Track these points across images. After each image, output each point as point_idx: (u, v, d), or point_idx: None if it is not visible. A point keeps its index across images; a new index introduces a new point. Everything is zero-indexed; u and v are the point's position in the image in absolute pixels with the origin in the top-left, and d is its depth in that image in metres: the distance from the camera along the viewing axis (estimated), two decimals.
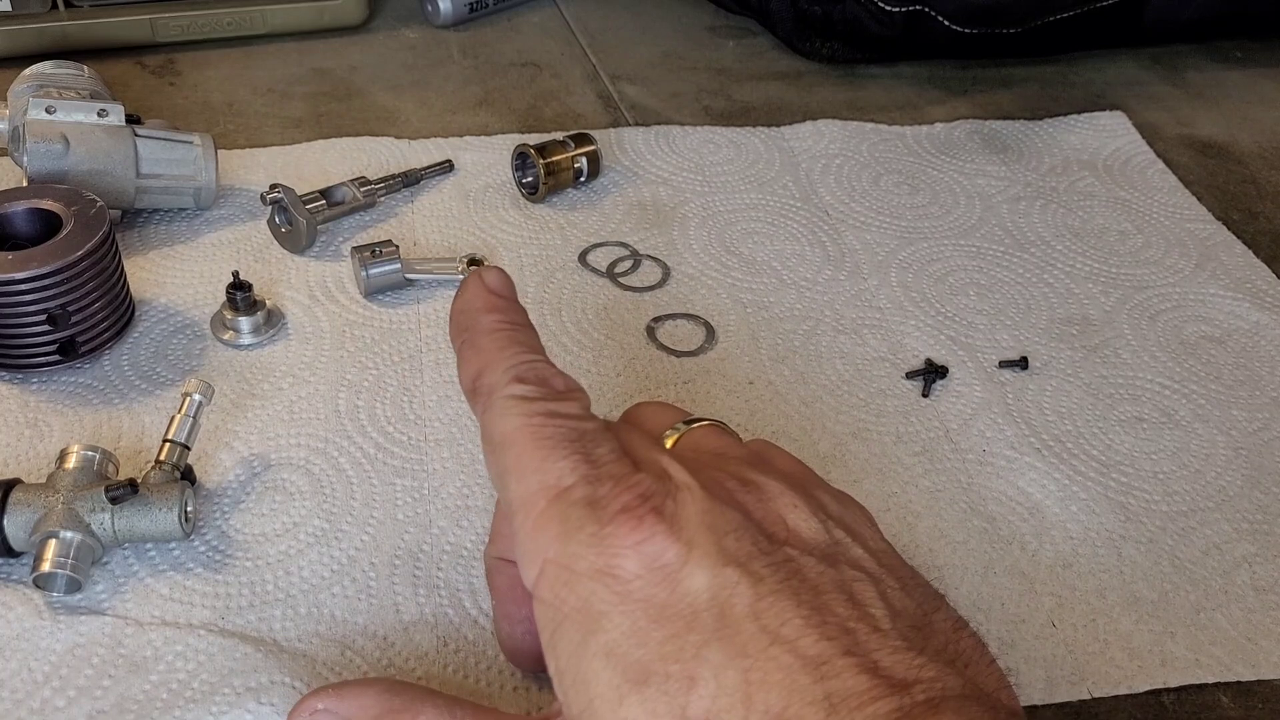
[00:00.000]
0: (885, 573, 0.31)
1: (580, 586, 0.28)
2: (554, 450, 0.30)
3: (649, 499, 0.29)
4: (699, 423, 0.37)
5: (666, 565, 0.28)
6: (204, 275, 0.56)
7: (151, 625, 0.38)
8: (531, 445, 0.31)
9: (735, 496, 0.31)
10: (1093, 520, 0.45)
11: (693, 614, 0.27)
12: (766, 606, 0.27)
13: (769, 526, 0.31)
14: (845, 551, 0.31)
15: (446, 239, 0.60)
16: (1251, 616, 0.41)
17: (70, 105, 0.55)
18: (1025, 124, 0.73)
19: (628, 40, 0.84)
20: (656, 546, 0.28)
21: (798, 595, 0.28)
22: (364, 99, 0.74)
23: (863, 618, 0.28)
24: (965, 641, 0.31)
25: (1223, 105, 0.78)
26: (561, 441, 0.31)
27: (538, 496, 0.30)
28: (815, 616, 0.27)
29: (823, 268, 0.59)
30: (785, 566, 0.29)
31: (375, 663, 0.38)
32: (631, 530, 0.29)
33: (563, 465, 0.30)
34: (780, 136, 0.71)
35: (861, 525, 0.33)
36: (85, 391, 0.48)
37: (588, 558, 0.28)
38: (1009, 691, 0.31)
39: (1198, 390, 0.52)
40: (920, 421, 0.49)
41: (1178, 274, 0.60)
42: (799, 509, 0.32)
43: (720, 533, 0.29)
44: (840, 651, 0.27)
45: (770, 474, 0.33)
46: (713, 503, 0.30)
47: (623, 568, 0.28)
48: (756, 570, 0.28)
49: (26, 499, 0.39)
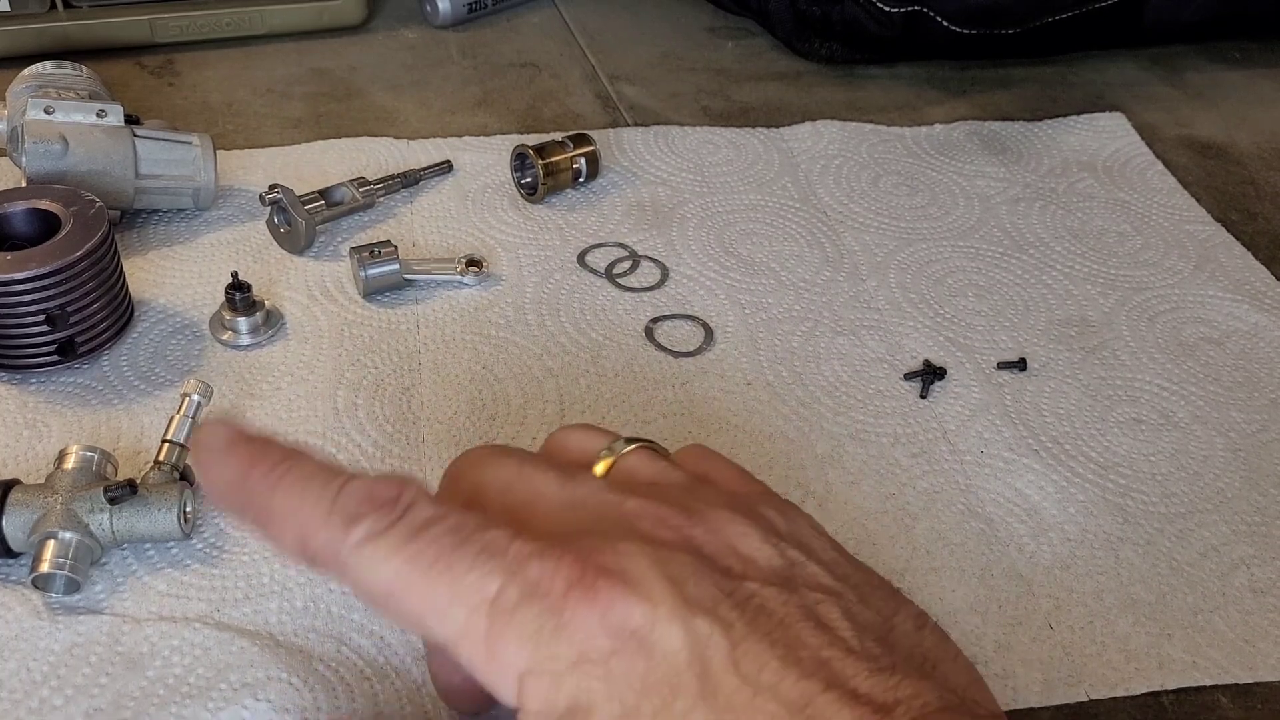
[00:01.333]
0: (842, 586, 0.30)
1: (566, 685, 0.27)
2: (451, 568, 0.27)
3: (589, 560, 0.27)
4: (630, 446, 0.34)
5: (637, 630, 0.27)
6: (203, 275, 0.56)
7: (148, 621, 0.38)
8: (425, 580, 0.27)
9: (682, 534, 0.29)
10: (1090, 522, 0.45)
11: (675, 677, 0.26)
12: (743, 654, 0.27)
13: (722, 560, 0.29)
14: (801, 572, 0.30)
15: (445, 239, 0.60)
16: (1249, 619, 0.41)
17: (69, 105, 0.55)
18: (1024, 125, 0.73)
19: (627, 41, 0.84)
20: (620, 613, 0.27)
21: (770, 635, 0.27)
22: (363, 99, 0.74)
23: (833, 642, 0.27)
24: (929, 639, 0.31)
25: (1222, 106, 0.78)
26: (451, 554, 0.27)
27: (473, 621, 0.27)
28: (790, 655, 0.27)
29: (821, 269, 0.59)
30: (749, 604, 0.28)
31: (371, 660, 0.38)
32: (590, 604, 0.27)
33: (473, 577, 0.27)
34: (779, 137, 0.71)
35: (811, 538, 0.32)
36: (84, 392, 0.48)
37: (561, 654, 0.27)
38: (979, 685, 0.31)
39: (1196, 392, 0.52)
40: (918, 423, 0.49)
41: (1176, 275, 0.60)
42: (749, 536, 0.30)
43: (679, 581, 0.27)
44: (820, 688, 0.26)
45: (713, 500, 0.32)
46: (658, 548, 0.28)
47: (597, 648, 0.26)
48: (725, 616, 0.27)
49: (25, 499, 0.39)
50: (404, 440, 0.47)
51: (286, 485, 0.29)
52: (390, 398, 0.49)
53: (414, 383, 0.50)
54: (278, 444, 0.30)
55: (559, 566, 0.27)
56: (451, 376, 0.51)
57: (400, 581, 0.27)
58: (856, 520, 0.45)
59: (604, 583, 0.27)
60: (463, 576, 0.27)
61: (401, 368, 0.51)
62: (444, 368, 0.51)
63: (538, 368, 0.51)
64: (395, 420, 0.48)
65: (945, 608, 0.41)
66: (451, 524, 0.28)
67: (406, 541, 0.28)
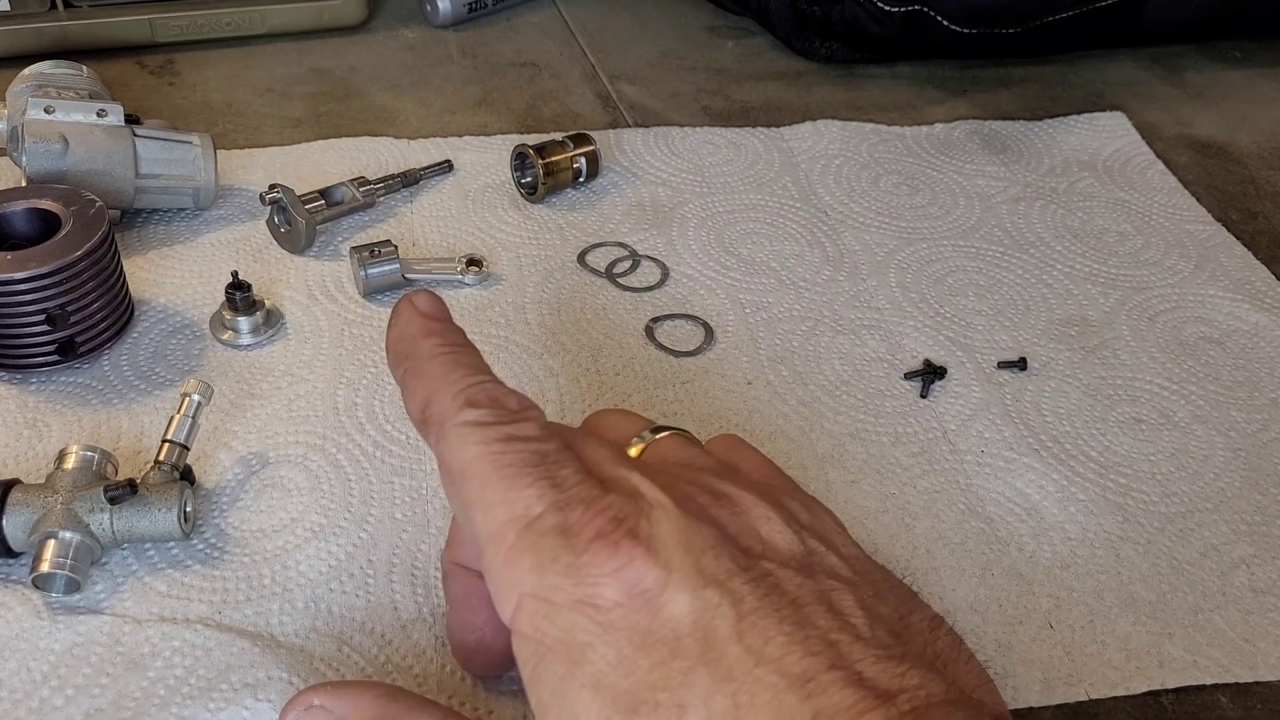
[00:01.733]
0: (860, 580, 0.31)
1: (561, 618, 0.28)
2: (518, 478, 0.29)
3: (623, 522, 0.29)
4: (663, 432, 0.36)
5: (647, 590, 0.28)
6: (203, 275, 0.56)
7: (149, 622, 0.38)
8: (493, 474, 0.30)
9: (709, 512, 0.31)
10: (1091, 521, 0.45)
11: (676, 640, 0.27)
12: (749, 626, 0.27)
13: (744, 540, 0.30)
14: (820, 561, 0.30)
15: (445, 239, 0.60)
16: (1249, 618, 0.41)
17: (69, 105, 0.55)
18: (1025, 124, 0.73)
19: (627, 40, 0.84)
20: (635, 572, 0.28)
21: (779, 611, 0.28)
22: (363, 99, 0.74)
23: (844, 627, 0.28)
24: (942, 640, 0.31)
25: (1222, 105, 0.78)
26: (524, 467, 0.30)
27: (506, 529, 0.29)
28: (798, 632, 0.27)
29: (822, 268, 0.59)
30: (764, 582, 0.28)
31: (373, 659, 0.38)
32: (608, 557, 0.28)
33: (529, 493, 0.29)
34: (779, 137, 0.71)
35: (833, 533, 0.33)
36: (84, 392, 0.48)
37: (566, 589, 0.28)
38: (990, 688, 0.31)
39: (1196, 391, 0.52)
40: (919, 422, 0.49)
41: (1177, 275, 0.60)
42: (772, 520, 0.31)
43: (697, 552, 0.29)
44: (825, 666, 0.26)
45: (741, 484, 0.33)
46: (688, 520, 0.29)
47: (603, 596, 0.28)
48: (736, 589, 0.28)
49: (25, 499, 0.39)
50: (404, 440, 0.47)
51: (445, 360, 0.33)
52: (390, 397, 0.49)
53: None
54: (458, 331, 0.35)
55: (595, 517, 0.29)
56: None
57: (473, 467, 0.30)
58: (857, 519, 0.45)
59: (628, 542, 0.28)
60: (521, 489, 0.29)
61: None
62: None
63: (538, 367, 0.51)
64: (395, 420, 0.48)
65: (945, 607, 0.41)
66: (540, 448, 0.30)
67: (497, 440, 0.30)
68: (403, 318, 0.35)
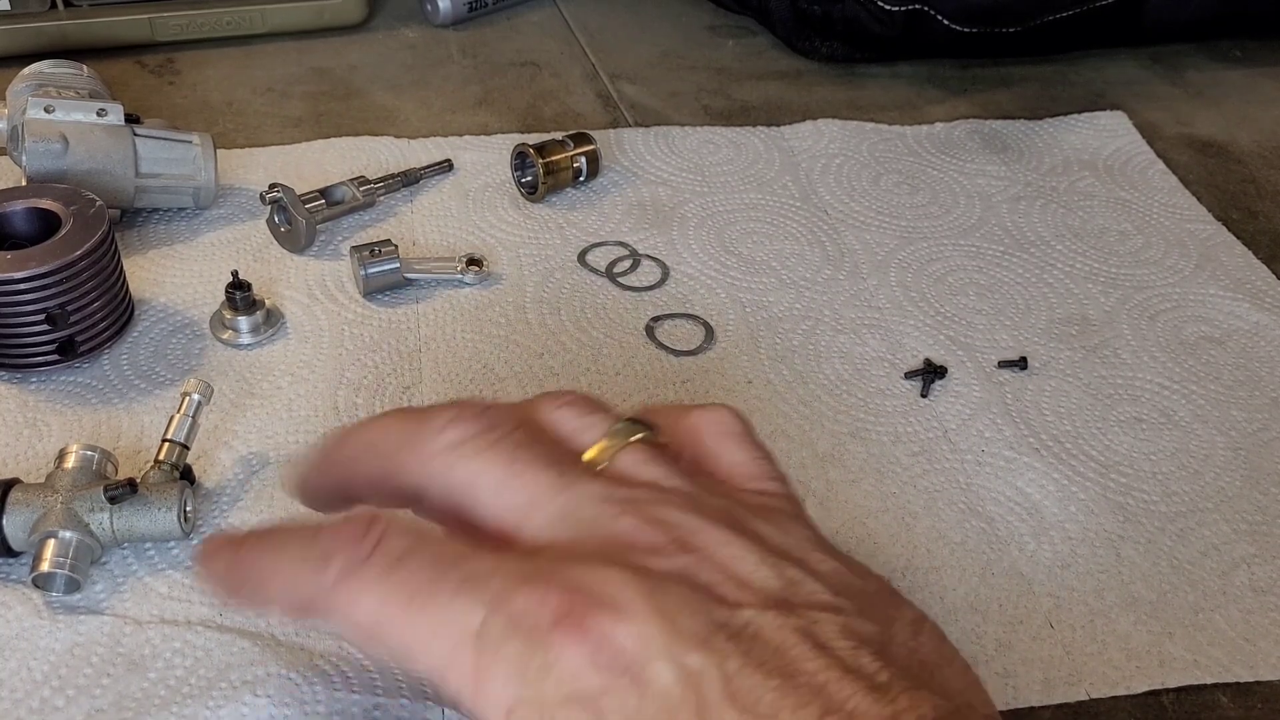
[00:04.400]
0: (841, 600, 0.30)
1: (557, 716, 0.26)
2: (432, 599, 0.27)
3: (578, 592, 0.27)
4: (629, 441, 0.33)
5: (628, 666, 0.26)
6: (203, 275, 0.56)
7: (150, 623, 0.38)
8: (404, 613, 0.27)
9: (676, 561, 0.29)
10: (1091, 521, 0.45)
11: (670, 712, 0.26)
12: (738, 687, 0.26)
13: (718, 589, 0.28)
14: (799, 591, 0.29)
15: (446, 238, 0.60)
16: (1250, 617, 0.41)
17: (69, 104, 0.55)
18: (1025, 124, 0.73)
19: (627, 39, 0.84)
20: (611, 651, 0.26)
21: (764, 666, 0.27)
22: (363, 98, 0.74)
23: (830, 665, 0.27)
24: (926, 645, 0.31)
25: (1222, 105, 0.78)
26: (433, 585, 0.27)
27: (458, 654, 0.26)
28: (786, 685, 0.26)
29: (822, 267, 0.59)
30: (745, 633, 0.27)
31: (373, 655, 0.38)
32: (579, 641, 0.26)
33: (455, 608, 0.27)
34: (780, 136, 0.71)
35: (807, 550, 0.31)
36: (84, 391, 0.48)
37: (549, 692, 0.26)
38: (976, 688, 0.31)
39: (1197, 391, 0.52)
40: (919, 421, 0.49)
41: (1177, 274, 0.60)
42: (745, 558, 0.29)
43: (672, 615, 0.27)
44: (817, 715, 0.26)
45: (707, 514, 0.31)
46: (647, 579, 0.28)
47: (586, 687, 0.26)
48: (720, 648, 0.27)
49: (25, 499, 0.39)
50: None
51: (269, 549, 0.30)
52: (391, 397, 0.49)
53: (414, 382, 0.50)
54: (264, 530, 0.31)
55: (545, 598, 0.27)
56: (452, 376, 0.50)
57: (382, 615, 0.27)
58: (857, 519, 0.45)
59: (593, 617, 0.26)
60: (444, 609, 0.27)
61: (402, 367, 0.51)
62: (444, 367, 0.51)
63: (538, 367, 0.51)
64: None
65: (946, 606, 0.41)
66: (429, 554, 0.28)
67: (384, 574, 0.27)
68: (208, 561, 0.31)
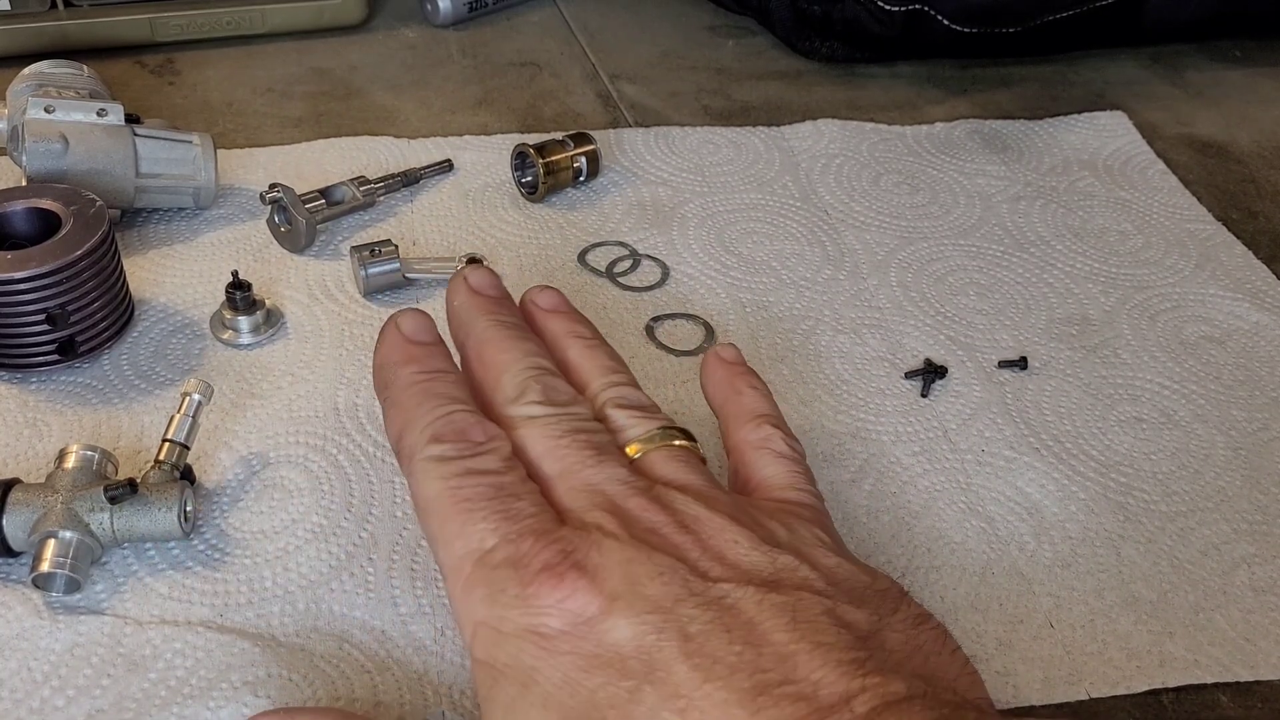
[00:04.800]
0: (835, 588, 0.31)
1: (510, 645, 0.29)
2: (473, 512, 0.31)
3: (570, 554, 0.30)
4: (674, 438, 0.36)
5: (590, 619, 0.29)
6: (203, 275, 0.56)
7: (150, 624, 0.38)
8: (452, 509, 0.31)
9: (669, 539, 0.31)
10: (1091, 520, 0.45)
11: (621, 661, 0.28)
12: (696, 647, 0.28)
13: (703, 565, 0.31)
14: (790, 575, 0.31)
15: (446, 238, 0.60)
16: (1250, 617, 0.41)
17: (69, 104, 0.55)
18: (1025, 124, 0.73)
19: (627, 39, 0.84)
20: (578, 603, 0.29)
21: (730, 632, 0.28)
22: (363, 99, 0.74)
23: (804, 636, 0.28)
24: (926, 635, 0.31)
25: (1222, 105, 0.78)
26: (480, 501, 0.31)
27: (463, 562, 0.31)
28: (749, 650, 0.28)
29: (822, 267, 0.59)
30: (717, 604, 0.29)
31: (373, 655, 0.38)
32: (553, 588, 0.29)
33: (482, 527, 0.31)
34: (780, 136, 0.71)
35: (811, 547, 0.33)
36: (84, 391, 0.48)
37: (513, 618, 0.29)
38: (972, 678, 0.31)
39: (1197, 390, 0.52)
40: (919, 421, 0.49)
41: (1177, 274, 0.60)
42: (739, 543, 0.32)
43: (643, 580, 0.30)
44: (777, 681, 0.27)
45: (719, 508, 0.33)
46: (638, 549, 0.30)
47: (547, 625, 0.29)
48: (684, 613, 0.29)
49: (25, 499, 0.39)
50: None
51: (420, 390, 0.35)
52: None
53: None
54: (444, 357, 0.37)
55: (544, 550, 0.30)
56: None
57: (436, 502, 0.32)
58: (857, 519, 0.45)
59: (573, 574, 0.30)
60: (476, 523, 0.31)
61: None
62: None
63: None
64: None
65: (946, 606, 0.41)
66: (498, 481, 0.32)
67: (458, 475, 0.32)
68: (386, 342, 0.37)
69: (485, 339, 0.38)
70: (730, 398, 0.41)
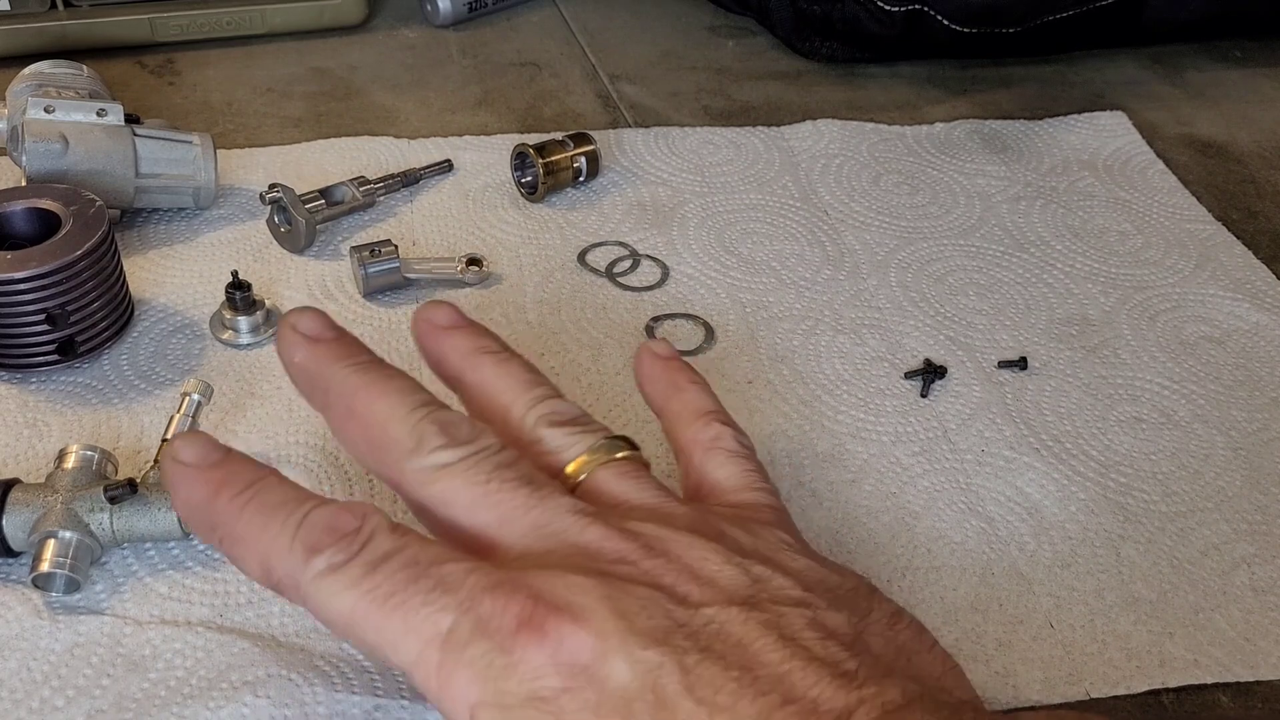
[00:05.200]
0: (811, 594, 0.30)
1: (517, 717, 0.27)
2: (406, 603, 0.28)
3: (541, 598, 0.28)
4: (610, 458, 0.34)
5: (587, 666, 0.27)
6: (203, 275, 0.56)
7: (150, 624, 0.38)
8: (380, 614, 0.28)
9: (640, 566, 0.30)
10: (1091, 520, 0.45)
11: (627, 706, 0.27)
12: (696, 680, 0.27)
13: (681, 589, 0.29)
14: (766, 587, 0.30)
15: (445, 238, 0.60)
16: (1250, 617, 0.41)
17: (69, 105, 0.55)
18: (1025, 124, 0.73)
19: (627, 40, 0.84)
20: (570, 651, 0.27)
21: (724, 659, 0.27)
22: (363, 99, 0.74)
23: (795, 654, 0.28)
24: (903, 633, 0.31)
25: (1222, 105, 0.78)
26: (408, 589, 0.28)
27: (427, 654, 0.28)
28: (746, 676, 0.27)
29: (822, 267, 0.59)
30: (706, 631, 0.28)
31: None
32: (539, 644, 0.27)
33: (426, 613, 0.28)
34: (780, 136, 0.71)
35: (778, 551, 0.32)
36: (84, 391, 0.48)
37: (512, 689, 0.27)
38: (955, 674, 0.31)
39: (1197, 391, 0.52)
40: (919, 421, 0.49)
41: (1177, 274, 0.60)
42: (709, 560, 0.30)
43: (630, 614, 0.28)
44: (778, 703, 0.26)
45: (675, 522, 0.32)
46: (613, 584, 0.29)
47: (547, 687, 0.27)
48: (678, 644, 0.27)
49: (25, 499, 0.39)
50: None
51: (252, 510, 0.30)
52: None
53: None
54: (248, 464, 0.31)
55: (510, 603, 0.28)
56: None
57: (358, 613, 0.28)
58: (857, 519, 0.45)
59: (554, 620, 0.27)
60: (417, 610, 0.28)
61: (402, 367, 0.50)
62: None
63: (539, 366, 0.51)
64: None
65: (946, 606, 0.41)
66: (408, 557, 0.29)
67: (364, 575, 0.28)
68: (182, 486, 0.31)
69: (349, 391, 0.33)
70: (672, 395, 0.39)
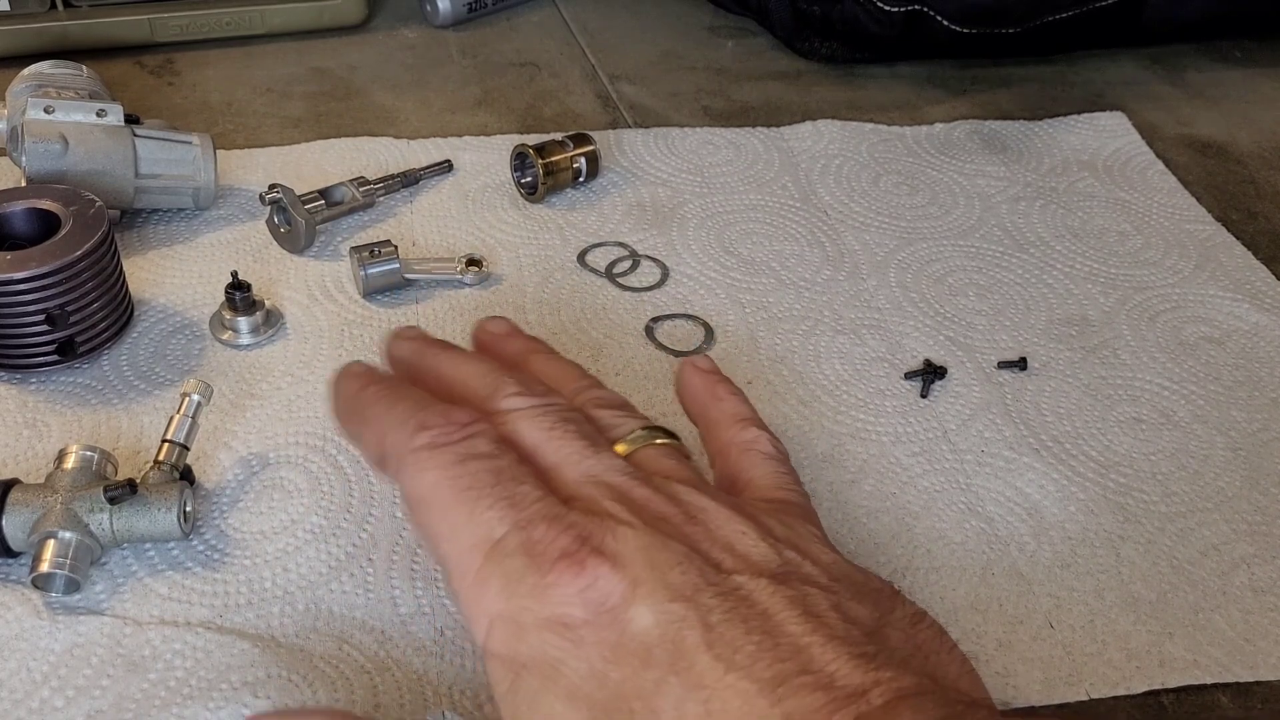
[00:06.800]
0: (837, 584, 0.31)
1: (532, 638, 0.28)
2: (478, 500, 0.30)
3: (587, 540, 0.29)
4: (658, 436, 0.36)
5: (614, 608, 0.28)
6: (203, 275, 0.56)
7: (150, 624, 0.38)
8: (453, 499, 0.30)
9: (681, 529, 0.31)
10: (1091, 521, 0.45)
11: (646, 651, 0.28)
12: (717, 637, 0.28)
13: (715, 555, 0.30)
14: (797, 569, 0.31)
15: (445, 239, 0.60)
16: (1250, 617, 0.41)
17: (69, 105, 0.55)
18: (1025, 124, 0.73)
19: (626, 40, 0.84)
20: (601, 591, 0.28)
21: (747, 622, 0.28)
22: (363, 99, 0.74)
23: (817, 629, 0.28)
24: (924, 634, 0.31)
25: (1222, 105, 0.78)
26: (483, 488, 0.30)
27: (472, 553, 0.29)
28: (767, 640, 0.28)
29: (821, 268, 0.59)
30: (734, 595, 0.29)
31: (373, 656, 0.38)
32: (575, 576, 0.28)
33: (489, 516, 0.30)
34: (779, 137, 0.71)
35: (810, 542, 0.33)
36: (84, 392, 0.48)
37: (534, 609, 0.28)
38: (971, 676, 0.32)
39: (1196, 391, 0.52)
40: (919, 422, 0.49)
41: (1177, 275, 0.60)
42: (747, 535, 0.31)
43: (664, 567, 0.29)
44: (795, 671, 0.27)
45: (721, 500, 0.33)
46: (654, 537, 0.30)
47: (571, 615, 0.28)
48: (704, 602, 0.28)
49: (25, 499, 0.39)
50: None
51: (390, 397, 0.33)
52: None
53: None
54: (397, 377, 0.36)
55: (560, 536, 0.29)
56: None
57: (433, 493, 0.30)
58: (857, 519, 0.45)
59: (594, 560, 0.29)
60: (481, 511, 0.30)
61: None
62: None
63: None
64: None
65: (946, 606, 0.41)
66: (497, 465, 0.31)
67: (455, 462, 0.31)
68: (341, 385, 0.36)
69: (438, 365, 0.37)
70: (710, 404, 0.40)
